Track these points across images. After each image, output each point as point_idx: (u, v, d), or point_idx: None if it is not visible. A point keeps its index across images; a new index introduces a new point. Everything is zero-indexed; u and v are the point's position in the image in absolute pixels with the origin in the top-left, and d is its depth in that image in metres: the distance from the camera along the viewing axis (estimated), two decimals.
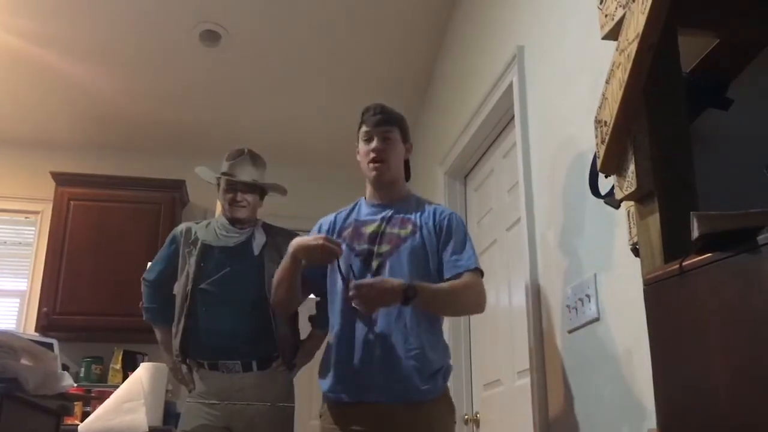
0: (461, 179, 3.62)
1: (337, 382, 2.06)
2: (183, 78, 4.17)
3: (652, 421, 1.27)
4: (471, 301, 2.11)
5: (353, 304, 1.95)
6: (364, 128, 2.22)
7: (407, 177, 2.31)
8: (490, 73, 3.05)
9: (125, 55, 3.97)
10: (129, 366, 3.95)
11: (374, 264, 2.09)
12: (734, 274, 1.04)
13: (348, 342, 2.05)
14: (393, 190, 2.24)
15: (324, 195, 2.37)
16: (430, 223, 2.16)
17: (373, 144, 2.18)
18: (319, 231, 2.23)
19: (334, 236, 2.18)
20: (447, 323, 3.38)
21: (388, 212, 2.19)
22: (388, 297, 1.94)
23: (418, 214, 2.18)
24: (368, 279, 2.01)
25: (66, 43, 3.87)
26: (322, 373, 2.12)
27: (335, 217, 2.27)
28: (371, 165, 2.19)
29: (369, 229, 2.17)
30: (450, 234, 2.13)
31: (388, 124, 2.20)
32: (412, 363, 2.00)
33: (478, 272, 2.09)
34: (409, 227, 2.14)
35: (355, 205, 2.28)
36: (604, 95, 1.42)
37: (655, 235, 1.31)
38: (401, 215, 2.18)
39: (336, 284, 2.12)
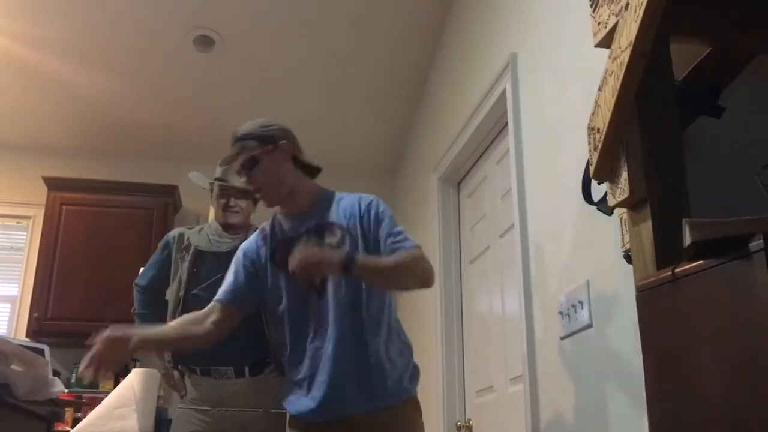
0: (454, 185, 3.63)
1: (308, 402, 2.01)
2: (177, 83, 4.17)
3: (644, 428, 1.27)
4: (417, 273, 1.96)
5: (293, 270, 1.84)
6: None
7: (311, 172, 2.17)
8: (483, 79, 3.06)
9: (119, 59, 3.97)
10: (120, 372, 3.92)
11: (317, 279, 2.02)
12: (726, 280, 1.04)
13: (310, 359, 2.01)
14: (298, 199, 2.11)
15: None
16: (357, 214, 2.06)
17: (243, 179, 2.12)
18: (244, 257, 2.12)
19: (263, 260, 2.10)
20: (439, 329, 3.39)
21: (311, 222, 2.08)
22: (328, 262, 1.87)
23: (340, 214, 2.08)
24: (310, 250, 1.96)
25: (59, 47, 3.86)
26: (287, 395, 2.08)
27: (256, 244, 2.14)
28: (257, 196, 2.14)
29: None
30: (378, 219, 2.04)
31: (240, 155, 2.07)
32: (378, 366, 1.98)
33: (418, 248, 1.99)
34: (338, 234, 2.04)
35: (272, 224, 2.16)
36: (596, 102, 1.42)
37: (648, 242, 1.32)
38: (324, 222, 2.08)
39: (280, 302, 2.06)
